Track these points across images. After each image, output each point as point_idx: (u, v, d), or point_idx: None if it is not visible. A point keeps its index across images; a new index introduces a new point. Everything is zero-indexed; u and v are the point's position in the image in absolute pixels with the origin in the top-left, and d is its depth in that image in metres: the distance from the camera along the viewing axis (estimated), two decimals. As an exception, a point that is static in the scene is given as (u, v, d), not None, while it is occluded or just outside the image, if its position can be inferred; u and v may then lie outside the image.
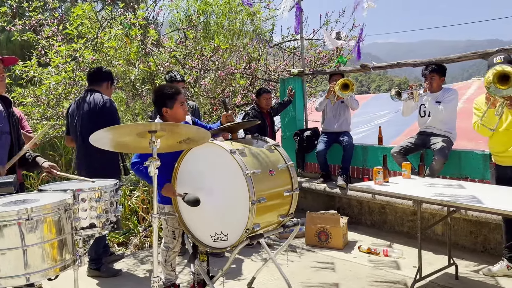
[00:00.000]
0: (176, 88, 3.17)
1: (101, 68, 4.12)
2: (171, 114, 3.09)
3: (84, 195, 2.53)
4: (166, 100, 3.08)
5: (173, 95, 3.08)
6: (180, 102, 3.11)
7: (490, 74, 3.09)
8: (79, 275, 2.64)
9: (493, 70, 3.10)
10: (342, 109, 5.62)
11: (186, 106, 3.19)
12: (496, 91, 3.07)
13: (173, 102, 3.08)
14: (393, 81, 61.92)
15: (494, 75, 3.06)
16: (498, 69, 3.07)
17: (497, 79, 3.05)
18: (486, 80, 3.11)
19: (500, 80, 3.05)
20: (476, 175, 4.39)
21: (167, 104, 3.08)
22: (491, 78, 3.07)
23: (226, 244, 2.87)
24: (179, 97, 3.11)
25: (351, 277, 3.76)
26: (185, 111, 3.17)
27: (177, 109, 3.09)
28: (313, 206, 5.72)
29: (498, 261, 3.73)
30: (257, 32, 6.69)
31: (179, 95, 3.11)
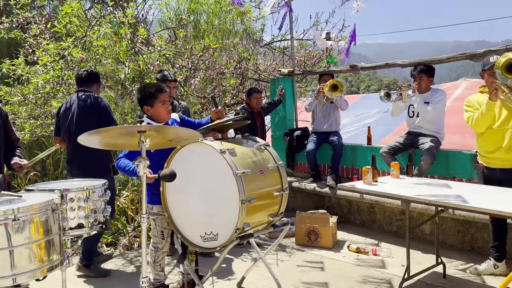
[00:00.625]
0: (158, 87, 3.17)
1: (91, 71, 4.13)
2: (152, 112, 3.12)
3: (72, 195, 2.51)
4: (147, 98, 3.12)
5: (154, 94, 3.10)
6: (162, 101, 3.11)
7: (502, 59, 3.03)
8: (68, 276, 2.62)
9: (507, 57, 3.03)
10: (332, 109, 5.65)
11: (169, 105, 3.17)
12: (502, 78, 3.06)
13: (154, 100, 3.10)
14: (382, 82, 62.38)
15: (506, 61, 3.00)
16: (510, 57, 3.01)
17: (505, 66, 3.02)
18: (497, 64, 3.05)
19: (508, 69, 3.02)
20: (464, 174, 4.44)
21: (148, 103, 3.12)
22: (501, 63, 3.01)
23: (216, 244, 2.86)
24: (161, 96, 3.11)
25: (340, 276, 3.78)
26: (168, 110, 3.15)
27: (158, 108, 3.10)
28: (303, 205, 5.74)
29: (485, 260, 3.78)
30: (248, 31, 6.69)
31: (160, 93, 3.11)
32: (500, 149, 3.41)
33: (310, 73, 6.86)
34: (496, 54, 4.18)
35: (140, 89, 3.27)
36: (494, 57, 3.38)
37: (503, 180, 3.41)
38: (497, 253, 3.65)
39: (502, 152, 3.41)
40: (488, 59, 3.40)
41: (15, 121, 5.63)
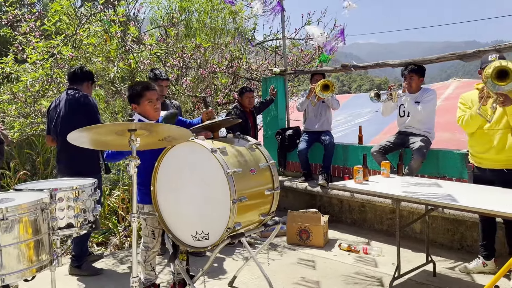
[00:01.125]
0: (144, 85, 3.16)
1: (83, 68, 4.09)
2: (139, 110, 3.13)
3: (61, 195, 2.49)
4: (134, 97, 3.12)
5: (140, 92, 3.10)
6: (148, 99, 3.10)
7: (491, 68, 3.04)
8: (57, 276, 2.60)
9: (494, 64, 3.05)
10: (323, 109, 5.66)
11: (156, 104, 3.14)
12: (492, 86, 3.08)
13: (140, 99, 3.10)
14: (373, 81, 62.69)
15: (494, 69, 3.02)
16: (498, 65, 3.03)
17: (495, 74, 3.05)
18: (485, 74, 3.07)
19: (498, 76, 3.05)
20: (454, 173, 4.48)
21: (135, 101, 3.13)
22: (490, 72, 3.03)
23: (207, 243, 2.85)
24: (147, 94, 3.10)
25: (331, 275, 3.79)
26: (155, 108, 3.13)
27: (144, 106, 3.10)
28: (294, 205, 5.74)
29: (474, 258, 3.81)
30: (239, 30, 6.68)
31: (147, 91, 3.10)
32: (490, 149, 3.44)
33: (302, 72, 6.87)
34: (485, 54, 4.23)
35: (128, 87, 3.28)
36: (492, 55, 3.38)
37: (494, 181, 3.44)
38: (486, 251, 3.69)
39: (492, 153, 3.43)
40: (487, 58, 3.40)
41: (4, 120, 5.57)
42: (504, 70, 3.00)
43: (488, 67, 3.08)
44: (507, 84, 2.99)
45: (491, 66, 3.06)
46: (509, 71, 2.97)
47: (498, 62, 3.10)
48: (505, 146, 3.34)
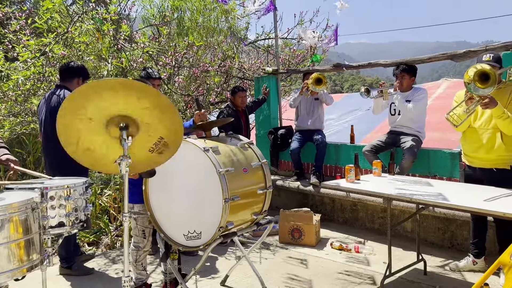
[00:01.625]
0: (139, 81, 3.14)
1: (71, 63, 3.99)
2: None
3: (52, 193, 2.47)
4: None
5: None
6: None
7: (472, 71, 3.08)
8: (49, 275, 2.58)
9: (474, 68, 3.09)
10: (316, 106, 5.68)
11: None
12: (474, 89, 3.11)
13: None
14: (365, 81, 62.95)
15: (475, 73, 3.06)
16: (479, 68, 3.06)
17: (477, 77, 3.08)
18: (467, 77, 3.10)
19: (481, 78, 3.09)
20: (444, 173, 4.52)
21: None
22: (472, 75, 3.09)
23: (199, 242, 2.85)
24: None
25: (323, 274, 3.81)
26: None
27: None
28: (286, 204, 5.76)
29: (464, 256, 3.85)
30: (232, 29, 6.67)
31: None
32: (480, 148, 3.47)
33: (295, 72, 6.89)
34: (476, 54, 4.27)
35: None
36: (487, 55, 3.40)
37: (483, 180, 3.47)
38: (476, 249, 3.72)
39: (482, 152, 3.46)
40: (481, 57, 3.43)
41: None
42: (486, 73, 3.03)
43: (470, 69, 3.12)
44: (487, 87, 3.03)
45: (471, 71, 3.09)
46: (490, 75, 3.00)
47: (479, 65, 3.14)
48: (494, 145, 3.38)
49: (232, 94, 5.55)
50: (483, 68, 3.05)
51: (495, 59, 3.37)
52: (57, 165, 3.68)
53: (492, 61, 3.33)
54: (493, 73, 3.00)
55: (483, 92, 3.07)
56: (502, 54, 3.77)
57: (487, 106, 3.19)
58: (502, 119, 3.21)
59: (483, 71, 3.04)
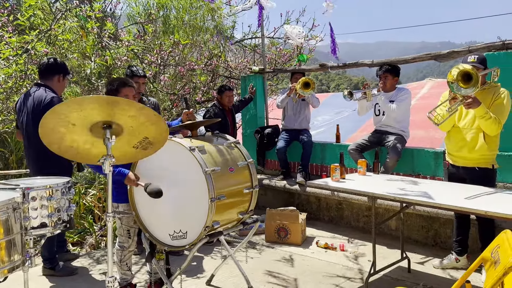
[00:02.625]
0: (121, 81, 3.12)
1: (50, 60, 3.85)
2: None
3: (34, 194, 2.44)
4: (110, 92, 3.07)
5: (116, 88, 3.06)
6: (124, 95, 3.05)
7: (455, 71, 3.12)
8: (31, 276, 2.54)
9: (457, 68, 3.13)
10: (303, 107, 5.71)
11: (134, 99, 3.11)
12: (457, 89, 3.15)
13: (116, 94, 3.04)
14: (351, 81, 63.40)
15: (458, 73, 3.10)
16: (461, 68, 3.10)
17: (461, 77, 3.12)
18: (450, 77, 3.13)
19: (464, 79, 3.13)
20: (428, 172, 4.57)
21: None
22: (455, 75, 3.12)
23: (185, 242, 2.84)
24: (123, 90, 3.06)
25: (309, 272, 3.83)
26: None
27: None
28: (273, 203, 5.76)
29: (447, 254, 3.91)
30: (218, 28, 6.64)
31: (123, 88, 3.07)
32: (463, 148, 3.52)
33: (281, 71, 6.90)
34: (459, 55, 4.34)
35: (105, 84, 3.23)
36: (471, 56, 3.43)
37: (466, 179, 3.53)
38: (459, 247, 3.78)
39: (465, 151, 3.52)
40: (467, 58, 3.47)
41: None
42: (469, 73, 3.08)
43: (453, 69, 3.16)
44: (469, 87, 3.07)
45: (454, 71, 3.13)
46: (473, 75, 3.05)
47: (461, 65, 3.18)
48: (477, 145, 3.43)
49: (219, 93, 5.53)
50: (465, 69, 3.10)
51: (480, 60, 3.41)
52: (40, 165, 3.60)
53: (476, 62, 3.37)
54: (475, 74, 3.05)
55: (465, 92, 3.12)
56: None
57: (470, 106, 3.24)
58: (484, 119, 3.27)
59: (466, 72, 3.09)
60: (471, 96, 3.19)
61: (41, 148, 2.32)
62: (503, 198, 2.91)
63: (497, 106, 3.33)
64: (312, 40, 7.43)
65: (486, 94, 3.40)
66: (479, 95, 3.33)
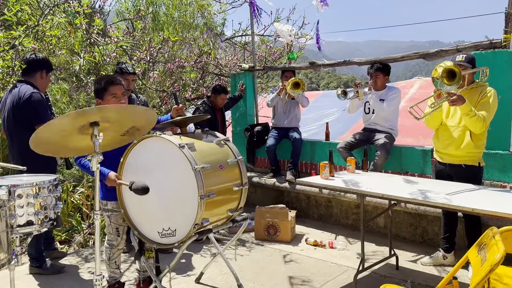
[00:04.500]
0: (108, 79, 3.07)
1: (31, 56, 3.75)
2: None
3: (20, 191, 2.40)
4: (98, 91, 3.04)
5: (104, 87, 3.01)
6: (112, 93, 3.01)
7: (440, 69, 3.14)
8: (18, 275, 2.51)
9: (441, 66, 3.15)
10: (293, 105, 5.71)
11: (122, 99, 3.06)
12: (441, 85, 3.18)
13: (104, 93, 3.01)
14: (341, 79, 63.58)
15: (443, 70, 3.12)
16: (445, 66, 3.12)
17: (446, 74, 3.14)
18: (436, 73, 3.15)
19: (448, 76, 3.15)
20: (416, 169, 4.62)
21: (99, 95, 3.04)
22: (440, 72, 3.14)
23: (174, 240, 2.83)
24: (111, 89, 3.01)
25: (298, 269, 3.84)
26: (119, 103, 3.05)
27: (107, 101, 2.99)
28: (262, 200, 5.77)
29: (435, 251, 3.95)
30: (208, 25, 6.61)
31: (110, 86, 3.01)
32: (450, 145, 3.56)
33: (271, 69, 6.90)
34: (447, 54, 4.38)
35: (94, 81, 3.20)
36: (460, 56, 3.47)
37: (453, 176, 3.57)
38: (446, 244, 3.83)
39: (452, 149, 3.56)
40: (455, 57, 3.50)
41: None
42: (453, 71, 3.10)
43: (438, 66, 3.18)
44: (452, 85, 3.10)
45: (440, 68, 3.15)
46: (457, 73, 3.08)
47: (444, 63, 3.20)
48: (463, 142, 3.47)
49: (214, 92, 5.49)
50: (448, 66, 3.11)
51: (468, 59, 3.45)
52: (22, 162, 3.56)
53: (464, 61, 3.41)
54: (458, 71, 3.08)
55: (446, 88, 3.14)
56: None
57: (454, 103, 3.27)
58: (469, 117, 3.30)
59: (451, 69, 3.11)
60: (456, 94, 3.22)
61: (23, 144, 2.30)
62: (489, 195, 2.94)
63: (483, 104, 3.37)
64: (302, 38, 7.44)
65: (473, 92, 3.44)
66: (466, 94, 3.37)
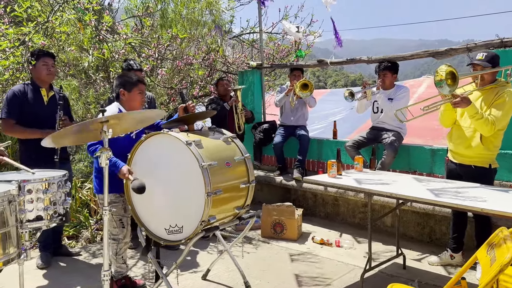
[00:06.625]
0: (140, 78, 3.22)
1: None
2: (128, 98, 3.14)
3: (30, 186, 2.43)
4: (127, 83, 3.14)
5: (135, 82, 3.15)
6: (140, 90, 3.16)
7: (443, 71, 3.07)
8: (26, 269, 2.54)
9: (445, 67, 3.09)
10: (300, 104, 5.70)
11: (144, 97, 3.19)
12: (443, 88, 3.14)
13: (133, 86, 3.13)
14: (348, 77, 63.36)
15: (447, 72, 3.09)
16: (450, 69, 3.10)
17: (450, 76, 3.11)
18: (439, 76, 3.12)
19: (452, 78, 3.12)
20: (424, 168, 4.59)
21: (126, 87, 3.13)
22: (443, 75, 3.11)
23: (181, 236, 2.84)
24: (140, 86, 3.17)
25: (304, 267, 3.84)
26: (142, 101, 3.18)
27: (134, 95, 3.15)
28: (269, 198, 5.77)
29: (442, 251, 3.93)
30: (216, 22, 6.61)
31: (141, 84, 3.18)
32: (461, 145, 3.54)
33: (279, 66, 6.89)
34: (457, 52, 4.34)
35: (121, 74, 3.33)
36: (480, 54, 3.39)
37: (462, 176, 3.55)
38: (454, 244, 3.80)
39: (462, 149, 3.53)
40: (475, 56, 3.44)
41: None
42: (453, 73, 3.06)
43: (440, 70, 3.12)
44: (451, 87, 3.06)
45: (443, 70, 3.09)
46: (456, 75, 3.04)
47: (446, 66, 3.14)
48: (473, 144, 3.44)
49: (216, 85, 5.58)
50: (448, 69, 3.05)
51: (488, 58, 3.34)
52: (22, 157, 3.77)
53: (484, 60, 3.34)
54: (457, 74, 3.03)
55: (442, 90, 3.11)
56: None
57: (457, 105, 3.24)
58: (475, 119, 3.26)
59: (451, 71, 3.06)
60: (460, 96, 3.20)
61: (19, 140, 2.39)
62: (499, 195, 2.92)
63: (497, 105, 3.30)
64: (310, 36, 7.41)
65: (490, 92, 3.37)
66: (484, 93, 3.33)
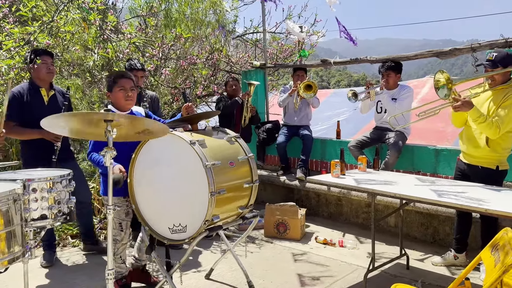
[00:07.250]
0: (119, 73, 3.17)
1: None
2: (113, 98, 3.14)
3: (35, 185, 2.44)
4: (108, 85, 3.14)
5: (114, 79, 3.09)
6: (121, 86, 3.07)
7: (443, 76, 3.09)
8: (30, 268, 2.55)
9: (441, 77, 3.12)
10: (304, 104, 5.70)
11: (129, 92, 3.09)
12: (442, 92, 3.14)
13: (113, 85, 3.09)
14: (352, 77, 63.25)
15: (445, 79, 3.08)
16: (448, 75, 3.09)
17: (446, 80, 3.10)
18: (441, 82, 3.11)
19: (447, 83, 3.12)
20: (428, 169, 4.58)
21: (108, 88, 3.14)
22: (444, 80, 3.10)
23: (184, 236, 2.84)
24: (120, 81, 3.08)
25: (307, 267, 3.84)
26: (126, 96, 3.08)
27: (116, 93, 3.09)
28: (272, 198, 5.78)
29: (446, 251, 3.92)
30: (220, 22, 6.62)
31: (120, 79, 3.09)
32: (469, 145, 3.53)
33: (282, 66, 6.89)
34: (461, 52, 4.33)
35: (106, 77, 3.31)
36: (491, 54, 3.34)
37: (470, 176, 3.54)
38: (458, 245, 3.79)
39: (470, 149, 3.52)
40: (485, 56, 3.43)
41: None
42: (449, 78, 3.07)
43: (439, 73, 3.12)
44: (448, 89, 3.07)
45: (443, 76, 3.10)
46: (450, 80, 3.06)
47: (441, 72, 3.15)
48: (481, 145, 3.42)
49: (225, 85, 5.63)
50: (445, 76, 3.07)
51: (499, 58, 3.27)
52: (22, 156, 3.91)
53: (494, 60, 3.28)
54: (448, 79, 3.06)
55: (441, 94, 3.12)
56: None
57: (458, 109, 3.23)
58: (477, 123, 3.25)
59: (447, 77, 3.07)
60: (461, 99, 3.19)
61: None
62: (504, 196, 2.91)
63: (504, 107, 3.24)
64: (313, 35, 7.41)
65: (499, 93, 3.32)
66: (494, 94, 3.31)
